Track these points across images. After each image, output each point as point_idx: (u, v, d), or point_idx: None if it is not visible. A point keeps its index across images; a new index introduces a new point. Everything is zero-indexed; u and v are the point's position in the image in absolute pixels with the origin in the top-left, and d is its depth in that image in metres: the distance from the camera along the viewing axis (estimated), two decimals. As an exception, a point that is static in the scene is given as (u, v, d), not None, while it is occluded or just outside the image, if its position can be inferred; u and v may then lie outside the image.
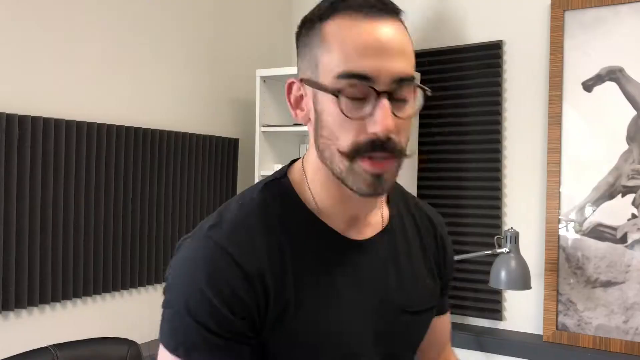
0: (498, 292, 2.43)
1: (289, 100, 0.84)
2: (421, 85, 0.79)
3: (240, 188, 2.67)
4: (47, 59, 1.90)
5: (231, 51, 2.66)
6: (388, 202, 0.94)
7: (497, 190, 2.46)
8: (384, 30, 0.75)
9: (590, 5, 2.29)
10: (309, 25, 0.81)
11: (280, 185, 0.86)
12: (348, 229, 0.85)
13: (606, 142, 2.25)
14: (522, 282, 2.03)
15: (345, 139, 0.75)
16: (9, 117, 1.74)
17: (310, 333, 0.81)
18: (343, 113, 0.74)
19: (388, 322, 0.88)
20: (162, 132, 2.26)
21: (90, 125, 1.98)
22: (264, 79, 2.55)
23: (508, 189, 2.46)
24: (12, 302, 1.75)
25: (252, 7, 2.78)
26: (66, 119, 1.90)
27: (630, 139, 2.22)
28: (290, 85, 0.83)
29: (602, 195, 2.25)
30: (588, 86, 2.29)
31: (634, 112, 2.20)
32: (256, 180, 2.56)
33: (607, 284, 2.22)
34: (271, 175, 0.90)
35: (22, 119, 1.77)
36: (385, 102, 0.73)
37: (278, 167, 2.60)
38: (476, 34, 2.53)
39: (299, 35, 0.84)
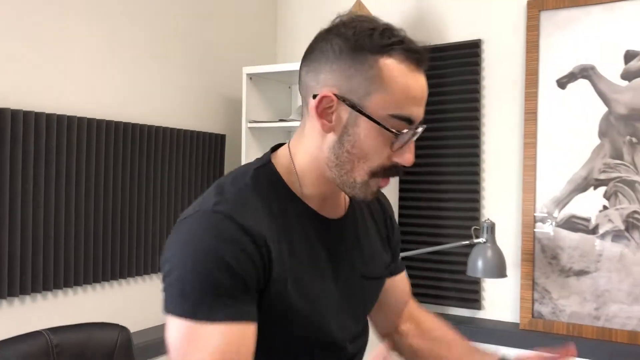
0: (477, 282, 2.52)
1: (317, 108, 0.91)
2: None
3: (227, 183, 2.73)
4: (39, 55, 1.95)
5: (218, 49, 2.72)
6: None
7: (475, 183, 2.55)
8: (424, 82, 0.92)
9: (564, 6, 2.39)
10: (360, 47, 0.88)
11: (268, 171, 0.97)
12: (321, 210, 1.00)
13: (579, 137, 2.35)
14: (498, 270, 2.12)
15: (376, 161, 0.91)
16: (3, 112, 1.80)
17: (296, 301, 0.91)
18: (391, 146, 0.90)
19: (352, 287, 1.03)
20: (150, 127, 2.32)
21: (81, 119, 2.03)
22: (250, 76, 2.62)
23: (486, 182, 2.55)
24: (4, 291, 1.80)
25: (238, 6, 2.85)
26: (58, 113, 1.95)
27: (602, 134, 2.31)
28: (322, 97, 0.90)
29: (576, 188, 2.35)
30: (562, 83, 2.39)
31: (605, 109, 2.30)
32: (243, 174, 2.62)
33: (580, 273, 2.31)
34: (257, 162, 1.01)
35: (15, 113, 1.82)
36: (413, 141, 0.91)
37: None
38: (455, 34, 2.62)
39: (334, 46, 0.90)
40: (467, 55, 2.58)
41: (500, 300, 2.50)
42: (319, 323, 0.95)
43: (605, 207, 2.29)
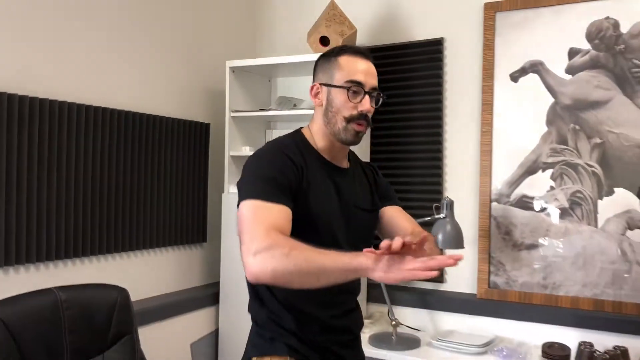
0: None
1: (311, 92, 1.58)
2: (381, 93, 1.58)
3: (211, 167, 2.95)
4: (28, 40, 2.13)
5: (203, 43, 2.94)
6: (349, 159, 1.67)
7: (438, 168, 2.81)
8: (368, 64, 1.55)
9: (517, 8, 2.66)
10: (327, 57, 1.56)
11: (300, 135, 1.59)
12: (332, 161, 1.58)
13: (529, 125, 2.62)
14: (456, 242, 2.38)
15: (346, 112, 1.51)
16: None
17: (314, 208, 1.46)
18: (348, 99, 1.50)
19: (352, 214, 1.58)
20: (141, 115, 2.52)
21: (78, 106, 2.23)
22: (233, 69, 2.84)
23: (448, 167, 2.81)
24: (12, 259, 1.99)
25: (222, 2, 3.06)
26: (50, 98, 2.13)
27: (549, 122, 2.59)
28: (313, 86, 1.58)
29: (526, 171, 2.63)
30: (515, 77, 2.66)
31: (552, 100, 2.58)
32: (226, 160, 2.85)
33: (530, 247, 2.59)
34: (293, 132, 1.62)
35: (11, 97, 1.99)
36: (367, 97, 1.52)
37: (246, 149, 2.89)
38: (421, 32, 2.88)
39: (320, 61, 1.59)
40: (431, 52, 2.84)
41: (460, 274, 2.75)
42: (328, 225, 1.48)
43: (552, 188, 2.57)
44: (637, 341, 2.25)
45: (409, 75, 2.88)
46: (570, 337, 2.39)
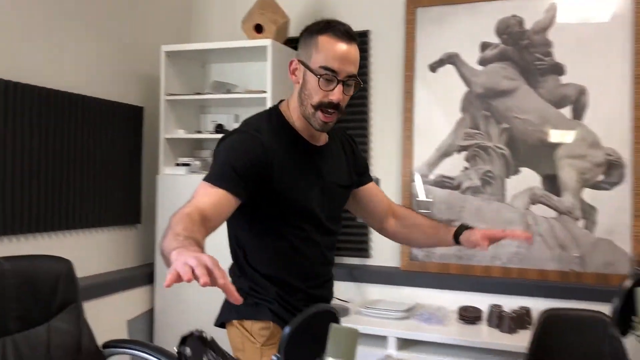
0: (366, 235, 2.98)
1: (290, 68, 1.49)
2: (359, 80, 1.47)
3: (145, 150, 2.99)
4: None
5: (138, 27, 2.97)
6: (328, 132, 1.61)
7: (364, 152, 3.01)
8: (347, 49, 1.42)
9: (436, 4, 2.91)
10: (310, 32, 1.45)
11: (277, 112, 1.54)
12: (310, 140, 1.54)
13: (446, 112, 2.88)
14: (383, 216, 2.58)
15: (316, 98, 1.43)
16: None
17: (288, 191, 1.45)
18: (319, 86, 1.41)
19: (330, 191, 1.57)
20: (75, 95, 2.54)
21: (14, 84, 2.23)
22: (168, 54, 2.91)
23: (374, 150, 3.02)
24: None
25: (154, -9, 3.11)
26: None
27: (463, 109, 2.86)
28: (292, 61, 1.49)
29: (444, 153, 2.88)
30: (433, 67, 2.91)
31: (466, 88, 2.85)
32: (161, 143, 2.91)
33: (448, 222, 2.84)
34: (270, 108, 1.59)
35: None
36: (340, 86, 1.41)
37: (181, 132, 2.95)
38: (350, 23, 3.06)
39: (303, 34, 1.48)
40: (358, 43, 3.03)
41: (385, 248, 2.96)
42: (304, 202, 1.49)
43: (466, 168, 2.84)
44: (538, 301, 2.55)
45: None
46: (483, 301, 2.65)
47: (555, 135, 2.69)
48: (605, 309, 1.83)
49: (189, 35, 3.37)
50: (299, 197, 1.48)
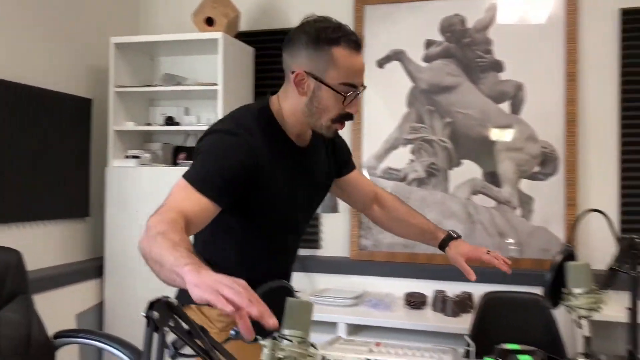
0: (316, 226, 3.05)
1: (294, 80, 1.37)
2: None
3: (94, 142, 2.96)
4: None
5: (85, 17, 2.93)
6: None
7: (315, 144, 3.07)
8: (362, 61, 1.38)
9: (383, 2, 3.01)
10: (318, 44, 1.34)
11: (267, 112, 1.45)
12: (296, 141, 1.48)
13: (393, 106, 2.98)
14: (331, 207, 2.66)
15: (335, 112, 1.37)
16: None
17: (273, 194, 1.41)
18: (341, 102, 1.35)
19: (310, 192, 1.56)
20: (21, 85, 2.49)
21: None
22: (118, 46, 2.89)
23: (323, 143, 3.09)
24: None
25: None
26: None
27: (409, 104, 2.97)
28: (297, 73, 1.36)
29: (391, 146, 2.98)
30: (381, 64, 3.01)
31: (412, 84, 2.96)
32: (110, 135, 2.89)
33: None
34: (259, 104, 1.47)
35: None
36: (358, 98, 1.38)
37: (131, 124, 2.92)
38: (297, 20, 3.11)
39: (303, 42, 1.35)
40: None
41: (335, 239, 3.05)
42: (286, 211, 1.47)
43: (412, 160, 2.95)
44: (479, 286, 2.67)
45: (287, 58, 3.11)
46: (428, 287, 2.77)
47: (495, 130, 2.84)
48: (541, 291, 1.97)
49: (139, 27, 3.35)
50: (281, 203, 1.46)
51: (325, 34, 1.34)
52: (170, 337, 0.90)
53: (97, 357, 2.87)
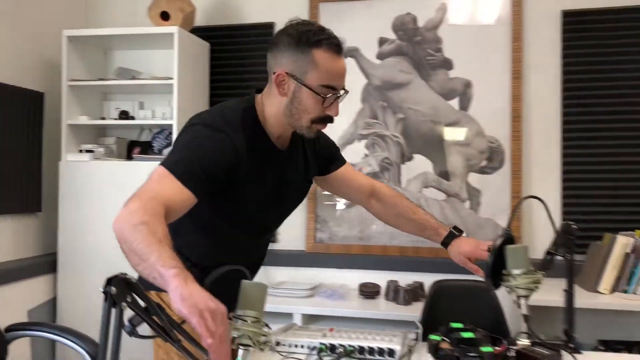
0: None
1: (275, 81, 1.39)
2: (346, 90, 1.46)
3: (46, 135, 2.92)
4: None
5: (36, 10, 2.89)
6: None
7: (271, 139, 3.12)
8: (343, 65, 1.42)
9: (337, 0, 3.07)
10: (299, 45, 1.36)
11: (252, 111, 1.46)
12: (276, 143, 1.50)
13: (348, 103, 3.02)
14: (288, 200, 2.70)
15: (314, 114, 1.39)
16: None
17: (248, 193, 1.44)
18: (322, 105, 1.39)
19: (286, 193, 1.56)
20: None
21: None
22: (70, 39, 2.86)
23: (279, 138, 3.14)
24: None
25: (54, -26, 3.04)
26: None
27: (363, 100, 3.04)
28: (278, 74, 1.38)
29: (346, 141, 3.05)
30: (335, 60, 3.07)
31: (365, 81, 3.04)
32: (63, 129, 2.86)
33: (349, 206, 3.02)
34: (246, 102, 1.48)
35: None
36: (338, 101, 1.42)
37: (84, 118, 2.89)
38: (252, 15, 3.17)
39: (285, 43, 1.38)
40: (263, 34, 3.13)
41: (291, 233, 3.09)
42: (261, 206, 1.49)
43: (366, 155, 3.02)
44: (430, 276, 2.77)
45: (242, 54, 3.15)
46: (381, 277, 2.85)
47: (445, 125, 2.94)
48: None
49: (91, 20, 3.31)
50: (254, 202, 1.47)
51: (307, 36, 1.37)
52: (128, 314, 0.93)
53: (50, 351, 2.84)
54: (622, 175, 2.76)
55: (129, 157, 3.07)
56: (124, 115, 2.99)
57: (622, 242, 2.49)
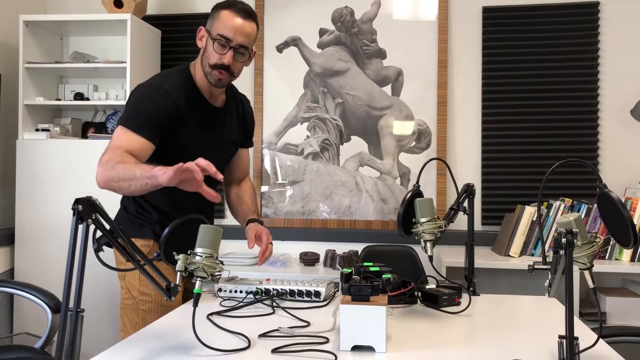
0: (223, 197, 3.32)
1: (198, 35, 1.74)
2: (250, 51, 1.73)
3: (3, 115, 3.06)
4: None
5: (-8, -3, 3.03)
6: (226, 93, 1.88)
7: (219, 122, 3.34)
8: (242, 23, 1.68)
9: (281, -7, 3.32)
10: (216, 8, 1.71)
11: (186, 72, 1.78)
12: (209, 99, 1.80)
13: (291, 88, 3.31)
14: (234, 175, 2.93)
15: (212, 60, 1.69)
16: None
17: (185, 140, 1.73)
18: (214, 49, 1.69)
19: (219, 145, 1.87)
20: None
21: None
22: (27, 23, 3.01)
23: (227, 121, 3.37)
24: None
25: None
26: None
27: (305, 85, 3.30)
28: (200, 29, 1.73)
29: (289, 123, 3.31)
30: (279, 49, 3.32)
31: (307, 68, 3.30)
32: (20, 109, 3.01)
33: (293, 183, 3.28)
34: (181, 67, 1.80)
35: None
36: (231, 52, 1.68)
37: (40, 99, 3.07)
38: (201, 5, 3.38)
39: (213, 8, 1.72)
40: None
41: (238, 208, 3.33)
42: (196, 154, 1.57)
43: (308, 137, 3.29)
44: (364, 245, 3.07)
45: (191, 42, 3.33)
46: (321, 247, 3.12)
47: (379, 109, 3.24)
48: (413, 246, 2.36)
49: (47, 6, 3.46)
50: (193, 150, 1.70)
51: (223, 3, 1.73)
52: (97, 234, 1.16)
53: (8, 310, 3.00)
54: (534, 154, 3.12)
55: (84, 137, 3.24)
56: (79, 96, 3.16)
57: (530, 212, 2.83)
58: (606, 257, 2.76)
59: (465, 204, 1.95)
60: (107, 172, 1.51)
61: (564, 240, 1.04)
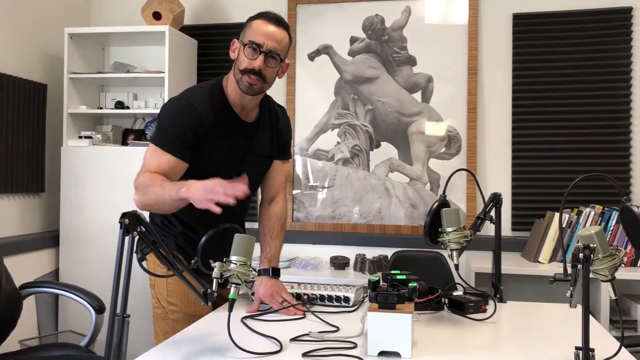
0: (255, 202, 3.41)
1: (231, 47, 1.76)
2: (282, 58, 1.74)
3: (49, 123, 3.22)
4: None
5: (41, 10, 3.18)
6: (261, 105, 1.87)
7: (253, 128, 3.44)
8: (273, 29, 1.71)
9: (313, 2, 3.40)
10: (249, 19, 1.74)
11: (218, 87, 1.79)
12: (241, 115, 1.80)
13: (322, 95, 3.38)
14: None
15: (243, 65, 1.70)
16: None
17: (212, 155, 1.75)
18: (245, 55, 1.70)
19: (250, 160, 1.85)
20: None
21: None
22: (71, 36, 3.16)
23: (261, 127, 3.46)
24: None
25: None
26: None
27: (336, 92, 3.37)
28: (233, 42, 1.75)
29: (320, 130, 3.38)
30: (311, 57, 3.40)
31: (338, 75, 3.37)
32: (65, 117, 3.16)
33: (323, 188, 3.35)
34: (213, 81, 1.81)
35: None
36: (262, 56, 1.69)
37: (83, 107, 3.22)
38: (236, 15, 3.48)
39: (245, 23, 1.75)
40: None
41: (271, 213, 3.41)
42: (224, 172, 1.62)
43: (338, 143, 3.36)
44: (394, 250, 3.12)
45: (227, 51, 3.44)
46: (351, 251, 3.19)
47: (409, 116, 3.28)
48: (442, 252, 2.41)
49: (90, 19, 3.62)
50: (219, 165, 1.74)
51: (255, 14, 1.76)
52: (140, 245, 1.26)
53: (54, 309, 3.16)
54: (565, 161, 3.12)
55: (124, 144, 3.38)
56: (120, 105, 3.29)
57: (559, 218, 2.84)
58: (638, 265, 2.76)
59: (492, 213, 1.98)
60: (143, 198, 1.61)
61: (581, 255, 1.09)
